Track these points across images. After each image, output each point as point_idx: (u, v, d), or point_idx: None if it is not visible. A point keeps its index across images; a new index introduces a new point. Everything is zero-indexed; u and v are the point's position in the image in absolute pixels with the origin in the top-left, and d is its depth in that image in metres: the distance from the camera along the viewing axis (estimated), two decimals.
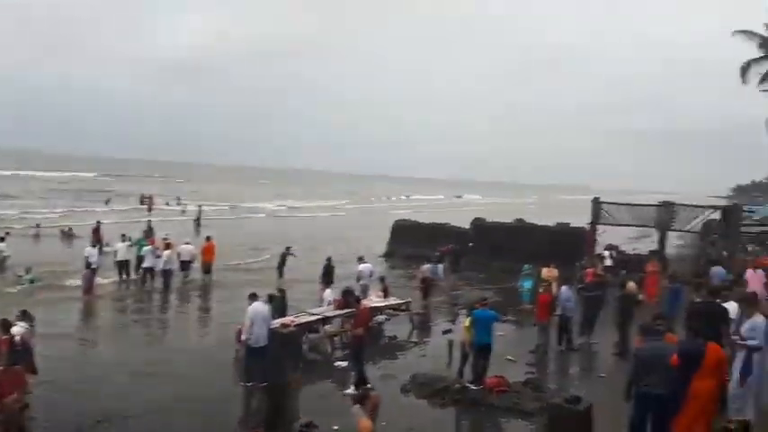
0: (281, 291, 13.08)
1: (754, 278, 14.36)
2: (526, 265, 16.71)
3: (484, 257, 23.61)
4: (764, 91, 37.27)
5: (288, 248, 20.37)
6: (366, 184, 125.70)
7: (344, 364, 10.78)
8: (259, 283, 16.63)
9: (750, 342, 6.91)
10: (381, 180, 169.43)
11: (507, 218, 28.24)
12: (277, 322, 10.97)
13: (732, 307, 7.79)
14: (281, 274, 19.53)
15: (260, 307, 10.18)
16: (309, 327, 12.02)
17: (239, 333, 10.67)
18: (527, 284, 16.04)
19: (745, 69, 36.81)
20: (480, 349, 9.90)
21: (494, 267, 22.32)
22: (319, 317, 12.43)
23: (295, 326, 11.23)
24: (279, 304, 12.18)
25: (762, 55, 36.15)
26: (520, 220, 26.94)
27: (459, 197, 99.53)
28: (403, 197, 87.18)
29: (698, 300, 8.62)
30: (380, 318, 13.85)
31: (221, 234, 26.12)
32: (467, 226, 26.62)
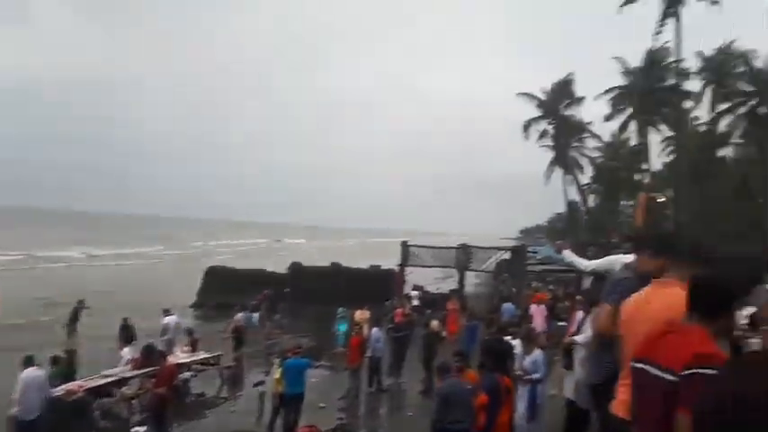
0: (69, 352, 11.67)
1: (537, 312, 16.18)
2: (340, 309, 16.97)
3: (301, 302, 23.53)
4: (543, 146, 43.37)
5: (80, 302, 18.13)
6: (183, 229, 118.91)
7: (143, 429, 9.83)
8: (45, 343, 14.64)
9: (534, 376, 7.72)
10: (198, 224, 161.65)
11: (325, 261, 28.58)
12: (61, 389, 9.71)
13: (518, 343, 8.61)
14: (71, 332, 17.36)
15: (33, 373, 8.88)
16: (102, 390, 10.82)
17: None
18: (342, 328, 16.24)
19: (527, 127, 42.55)
20: (292, 399, 9.73)
21: (311, 312, 22.31)
22: (114, 378, 11.26)
23: (83, 391, 10.02)
24: (65, 367, 10.82)
25: (539, 115, 42.12)
26: (336, 264, 27.42)
27: (279, 241, 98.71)
28: (222, 242, 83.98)
29: (489, 336, 9.43)
30: (187, 374, 12.96)
31: (8, 287, 22.78)
32: (285, 271, 26.43)
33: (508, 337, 8.84)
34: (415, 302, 20.72)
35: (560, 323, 16.02)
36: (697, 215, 33.84)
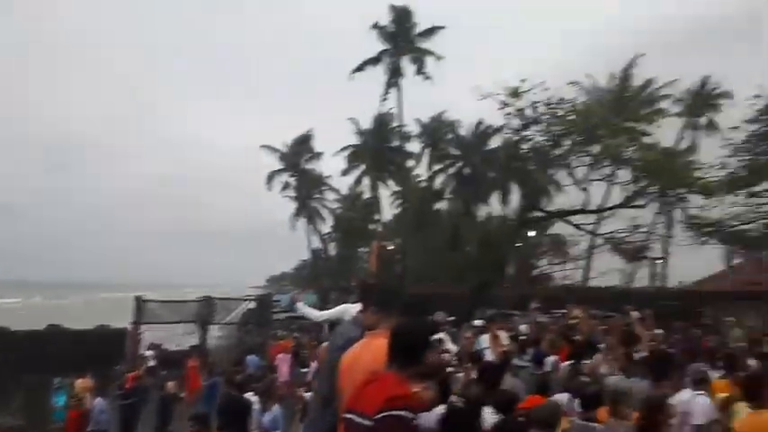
0: None
1: (282, 361, 16.29)
2: (57, 379, 14.89)
3: (8, 374, 19.91)
4: (286, 197, 44.77)
5: None
6: None
7: None
8: None
9: None
10: None
11: (42, 323, 24.77)
12: None
13: (257, 399, 8.52)
14: None
15: None
16: None
17: None
18: (60, 401, 14.21)
19: (270, 178, 43.68)
20: None
21: (19, 385, 18.99)
22: None
23: None
24: None
25: (282, 167, 43.65)
26: (53, 326, 24.01)
27: None
28: None
29: (227, 394, 9.15)
30: None
31: None
32: None
33: (249, 393, 8.69)
34: (151, 363, 19.11)
35: (305, 370, 16.37)
36: (420, 262, 38.23)
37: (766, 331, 14.16)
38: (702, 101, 36.21)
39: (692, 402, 5.36)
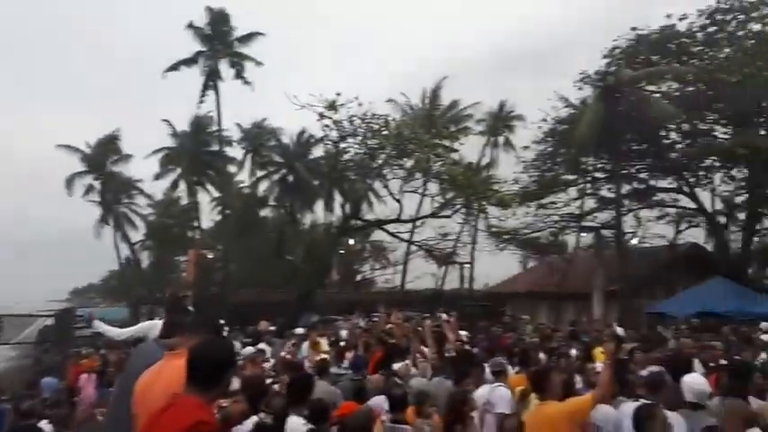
0: None
1: (87, 382, 14.78)
2: None
3: None
4: (90, 201, 40.63)
5: None
6: None
7: None
8: None
9: None
10: None
11: None
12: None
13: (51, 428, 7.66)
14: None
15: None
16: None
17: None
18: None
19: (70, 182, 39.34)
20: None
21: None
22: None
23: None
24: None
25: (84, 169, 39.58)
26: None
27: None
28: None
29: (14, 422, 8.11)
30: None
31: None
32: None
33: (43, 422, 7.78)
34: None
35: (111, 389, 14.97)
36: (245, 269, 37.29)
37: (555, 327, 16.04)
38: (501, 122, 40.28)
39: (491, 394, 5.86)
